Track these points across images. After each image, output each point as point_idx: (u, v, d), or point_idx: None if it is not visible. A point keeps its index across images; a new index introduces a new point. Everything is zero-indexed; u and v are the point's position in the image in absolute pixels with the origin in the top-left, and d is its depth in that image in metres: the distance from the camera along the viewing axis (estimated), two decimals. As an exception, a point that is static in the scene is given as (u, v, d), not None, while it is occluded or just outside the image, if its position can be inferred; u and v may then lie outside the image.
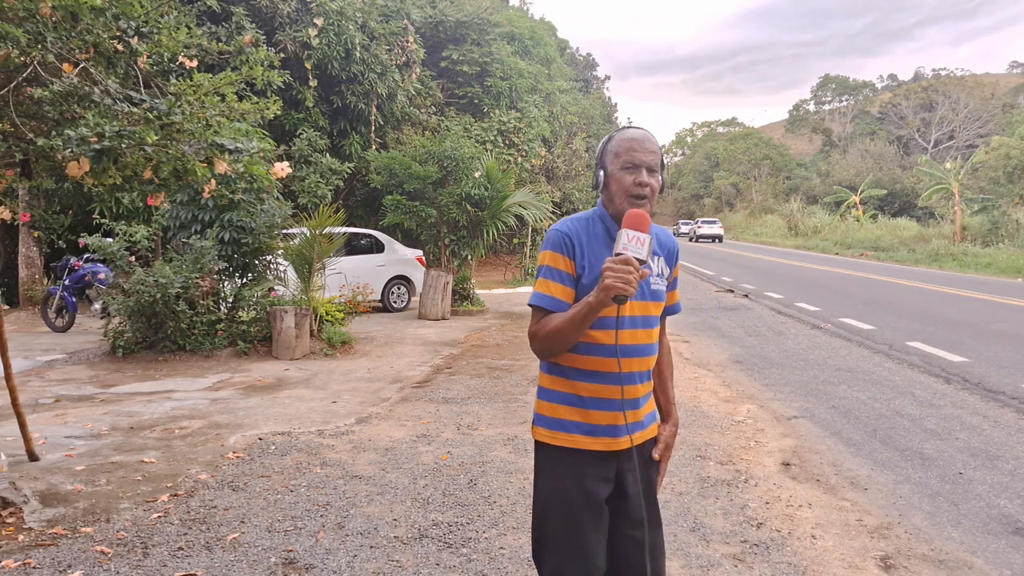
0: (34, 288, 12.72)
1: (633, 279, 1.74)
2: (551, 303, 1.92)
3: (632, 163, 1.94)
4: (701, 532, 3.63)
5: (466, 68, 20.59)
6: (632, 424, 1.97)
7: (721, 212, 67.53)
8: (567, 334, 1.86)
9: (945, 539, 3.61)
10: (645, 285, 1.97)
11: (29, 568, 3.19)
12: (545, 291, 1.93)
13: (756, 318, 12.09)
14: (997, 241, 26.58)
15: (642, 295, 1.96)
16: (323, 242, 9.34)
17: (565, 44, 40.68)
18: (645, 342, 1.98)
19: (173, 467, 4.59)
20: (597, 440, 1.94)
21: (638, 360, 1.97)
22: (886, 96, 72.79)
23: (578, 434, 1.95)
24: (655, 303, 2.01)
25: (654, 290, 2.00)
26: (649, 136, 1.99)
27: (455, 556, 3.34)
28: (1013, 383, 6.96)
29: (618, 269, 1.74)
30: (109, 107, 3.86)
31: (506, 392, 6.80)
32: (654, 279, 2.00)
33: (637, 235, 1.78)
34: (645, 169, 1.93)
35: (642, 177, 1.92)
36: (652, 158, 1.95)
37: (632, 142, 1.96)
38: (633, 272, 1.74)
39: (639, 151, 1.94)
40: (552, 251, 1.95)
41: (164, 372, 7.74)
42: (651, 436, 2.07)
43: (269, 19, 15.42)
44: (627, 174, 1.94)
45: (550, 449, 2.00)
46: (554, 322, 1.88)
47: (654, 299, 2.00)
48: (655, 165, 1.96)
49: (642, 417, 2.02)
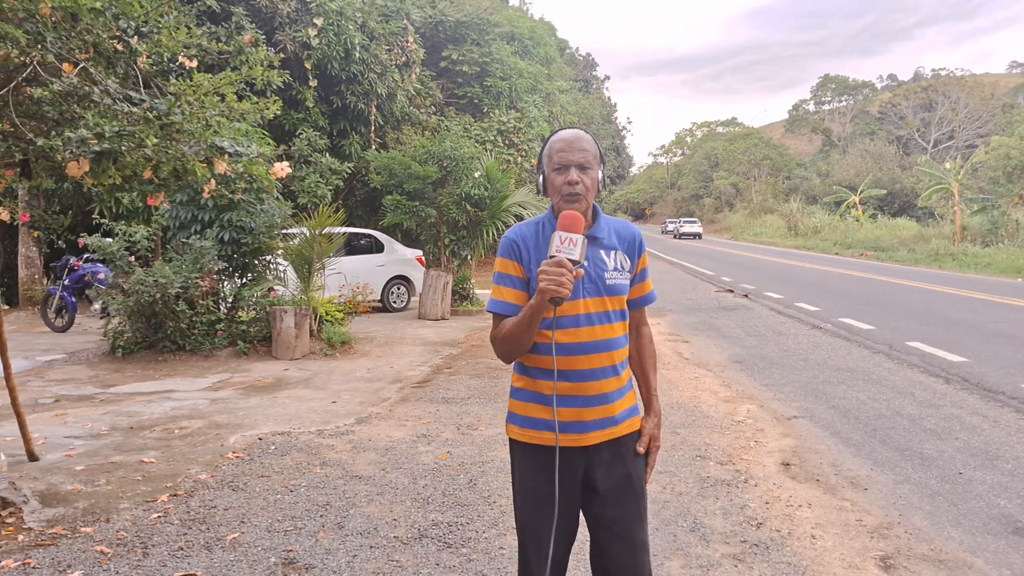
0: (34, 288, 12.72)
1: (566, 280, 1.77)
2: (503, 307, 1.99)
3: (562, 163, 1.98)
4: (701, 532, 3.63)
5: (466, 68, 20.59)
6: (599, 420, 1.99)
7: (721, 212, 67.57)
8: (519, 336, 1.92)
9: (945, 539, 3.61)
10: (599, 281, 2.00)
11: (29, 568, 3.19)
12: (498, 297, 2.02)
13: (756, 318, 12.10)
14: (997, 241, 26.58)
15: (596, 291, 2.00)
16: (323, 242, 9.34)
17: (565, 44, 40.71)
18: (605, 337, 2.00)
19: (173, 467, 4.59)
20: (564, 436, 1.98)
21: (598, 356, 1.98)
22: (886, 96, 72.81)
23: (545, 431, 1.99)
24: (612, 297, 2.02)
25: (609, 285, 2.02)
26: (580, 135, 2.03)
27: (455, 556, 3.35)
28: (1013, 383, 6.96)
29: (551, 272, 1.78)
30: (109, 107, 3.86)
31: (506, 392, 6.78)
32: (610, 273, 2.02)
33: (569, 236, 1.82)
34: (575, 168, 1.97)
35: (571, 176, 1.96)
36: (582, 156, 1.98)
37: (562, 143, 2.01)
38: (566, 273, 1.78)
39: (568, 151, 1.98)
40: (502, 258, 2.04)
41: (164, 372, 7.74)
42: (628, 431, 2.07)
43: (269, 19, 15.42)
44: (558, 175, 1.99)
45: (520, 446, 2.08)
46: (507, 326, 1.95)
47: (610, 293, 2.02)
48: (587, 162, 1.98)
49: (616, 412, 2.03)
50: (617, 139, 48.45)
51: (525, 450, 2.06)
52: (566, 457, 1.98)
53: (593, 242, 2.03)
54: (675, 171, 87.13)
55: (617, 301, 2.03)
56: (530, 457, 2.05)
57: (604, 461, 2.02)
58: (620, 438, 2.05)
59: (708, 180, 72.61)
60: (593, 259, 2.01)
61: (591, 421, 1.99)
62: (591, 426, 1.99)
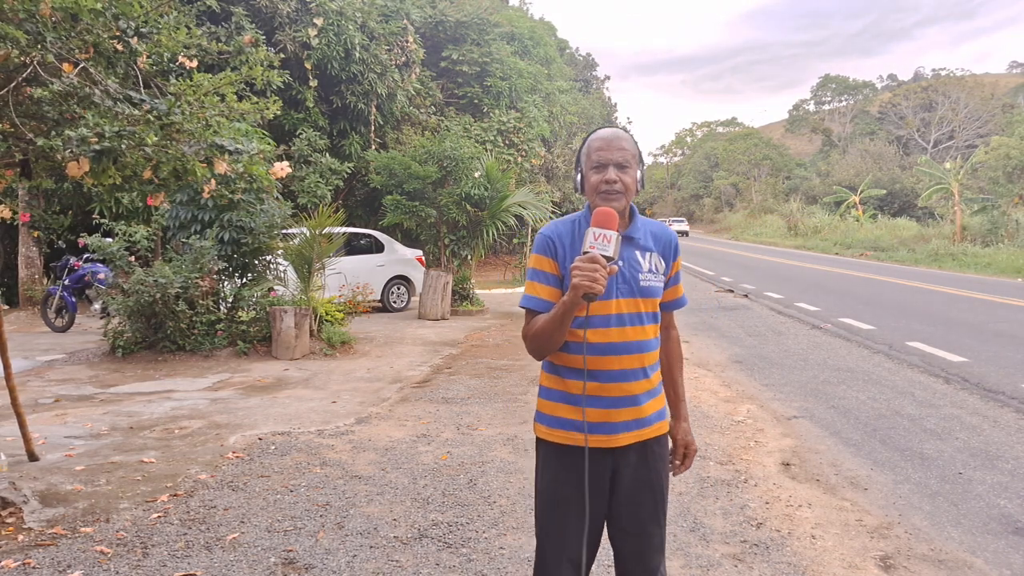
0: (34, 288, 12.72)
1: (600, 276, 1.76)
2: (537, 304, 1.99)
3: (600, 162, 1.98)
4: (701, 532, 3.63)
5: (466, 68, 20.59)
6: (628, 422, 1.98)
7: (721, 212, 67.57)
8: (551, 333, 1.92)
9: (945, 539, 3.61)
10: (633, 281, 1.99)
11: (29, 568, 3.19)
12: (532, 293, 2.01)
13: (756, 318, 12.10)
14: (997, 241, 26.56)
15: (630, 291, 1.99)
16: (323, 242, 9.34)
17: (565, 44, 40.67)
18: (636, 339, 1.99)
19: (173, 467, 4.59)
20: (592, 437, 1.96)
21: (629, 357, 1.97)
22: (886, 96, 72.76)
23: (572, 431, 1.98)
24: (645, 299, 2.01)
25: (643, 286, 2.00)
26: (619, 134, 2.02)
27: (455, 556, 3.35)
28: (1013, 383, 6.96)
29: (584, 268, 1.77)
30: (109, 107, 3.86)
31: (506, 392, 6.80)
32: (644, 275, 2.01)
33: (604, 232, 1.81)
34: (613, 167, 1.96)
35: (609, 175, 1.96)
36: (621, 155, 1.97)
37: (600, 141, 2.00)
38: (600, 270, 1.77)
39: (606, 149, 1.98)
40: (537, 254, 2.03)
41: (164, 372, 7.74)
42: (656, 434, 2.06)
43: (269, 19, 15.42)
44: (595, 173, 1.99)
45: (546, 445, 2.07)
46: (539, 322, 1.95)
47: (644, 295, 2.01)
48: (625, 161, 1.97)
49: (646, 415, 2.01)
50: (617, 139, 48.61)
51: (551, 449, 2.04)
52: (594, 458, 1.96)
53: (629, 242, 2.02)
54: (675, 171, 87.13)
55: (650, 303, 2.02)
56: (556, 457, 2.03)
57: (631, 463, 2.01)
58: (648, 440, 2.03)
59: (708, 180, 72.61)
60: (628, 259, 2.00)
61: (620, 423, 1.98)
62: (620, 427, 1.98)
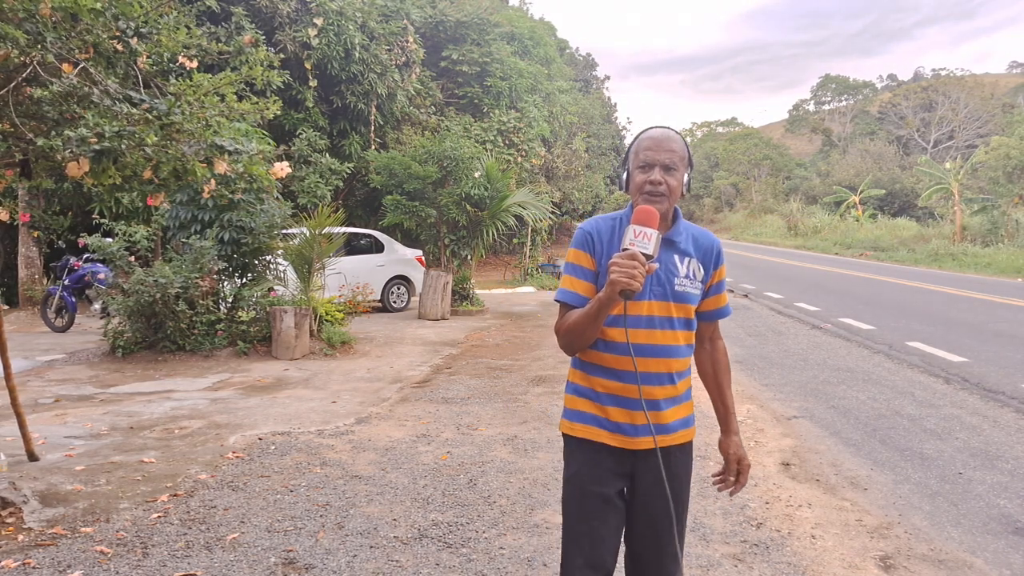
0: (34, 288, 12.71)
1: (638, 274, 1.74)
2: (572, 298, 1.97)
3: (646, 162, 1.95)
4: (701, 532, 3.63)
5: (466, 68, 20.58)
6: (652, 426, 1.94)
7: (721, 212, 67.49)
8: (584, 329, 1.90)
9: (945, 539, 3.61)
10: (668, 285, 1.96)
11: (29, 568, 3.19)
12: (568, 287, 1.99)
13: (756, 318, 12.09)
14: (997, 241, 26.57)
15: (663, 295, 1.96)
16: (323, 242, 9.34)
17: (565, 44, 40.65)
18: (664, 343, 1.95)
19: (173, 467, 4.59)
20: (613, 436, 1.96)
21: (655, 360, 1.94)
22: (886, 96, 72.72)
23: (594, 426, 1.98)
24: (678, 304, 1.97)
25: (678, 291, 1.97)
26: (670, 135, 1.98)
27: (455, 556, 3.35)
28: (1013, 383, 6.96)
29: (623, 264, 1.74)
30: (109, 107, 3.86)
31: (506, 392, 6.79)
32: (680, 280, 1.97)
33: (644, 230, 1.78)
34: (660, 168, 1.93)
35: (654, 176, 1.92)
36: (668, 156, 1.93)
37: (650, 140, 1.97)
38: (638, 267, 1.74)
39: (654, 150, 1.94)
40: (575, 248, 2.01)
41: (164, 372, 7.74)
42: (679, 441, 2.02)
43: (269, 19, 15.42)
44: (640, 172, 1.96)
45: (570, 440, 2.06)
46: (573, 317, 1.93)
47: (677, 300, 1.97)
48: (673, 163, 1.94)
49: (667, 421, 1.98)
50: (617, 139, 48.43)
51: (574, 443, 2.04)
52: (614, 456, 1.97)
53: (669, 246, 1.98)
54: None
55: (683, 309, 1.98)
56: (579, 451, 2.02)
57: (651, 467, 1.96)
58: (670, 447, 2.00)
59: (708, 180, 72.56)
60: (666, 263, 1.96)
61: (641, 425, 1.95)
62: (641, 430, 1.95)
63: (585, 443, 2.00)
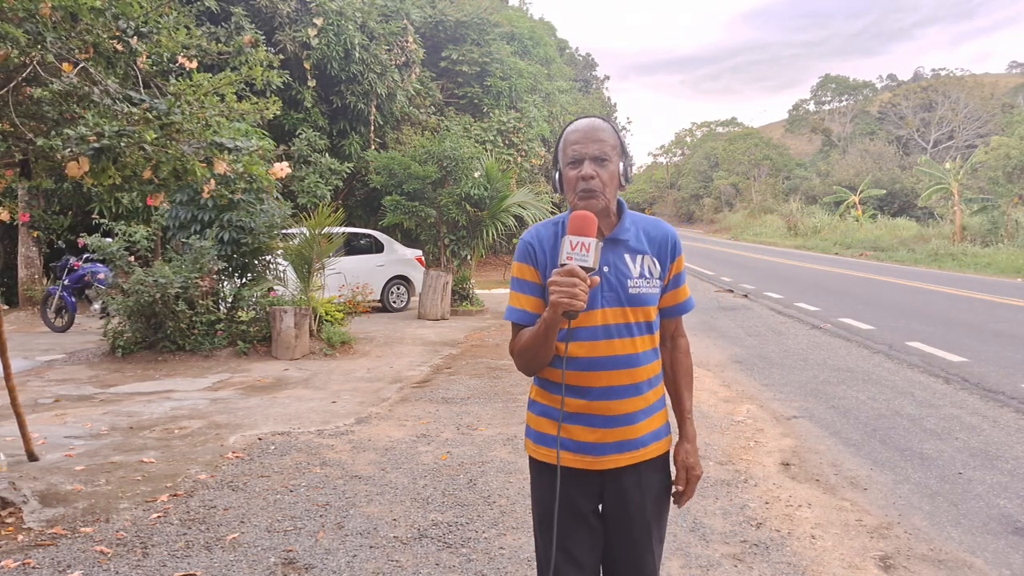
0: (34, 288, 12.71)
1: (579, 291, 1.60)
2: (520, 316, 1.84)
3: (575, 157, 1.80)
4: (701, 532, 3.63)
5: (466, 68, 20.59)
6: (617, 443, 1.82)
7: (721, 212, 67.50)
8: (536, 350, 1.76)
9: (945, 539, 3.61)
10: (620, 289, 1.81)
11: (29, 568, 3.19)
12: (515, 304, 1.86)
13: (756, 318, 12.10)
14: (997, 241, 26.56)
15: (617, 300, 1.81)
16: (322, 242, 9.34)
17: (564, 44, 40.68)
18: (625, 352, 1.81)
19: (173, 467, 4.59)
20: (576, 457, 1.82)
21: (617, 373, 1.80)
22: (886, 96, 72.71)
23: (559, 449, 1.82)
24: (636, 308, 1.82)
25: (632, 294, 1.81)
26: (596, 124, 1.83)
27: (455, 556, 3.34)
28: (1013, 383, 6.96)
29: (562, 283, 1.61)
30: (109, 107, 3.86)
31: (506, 392, 6.80)
32: (633, 281, 1.82)
33: (581, 241, 1.62)
34: (589, 160, 1.78)
35: (584, 170, 1.77)
36: (598, 147, 1.78)
37: (576, 134, 1.82)
38: (579, 283, 1.60)
39: (581, 143, 1.80)
40: (518, 262, 1.87)
41: (164, 372, 7.74)
42: (653, 455, 1.89)
43: (268, 19, 15.42)
44: (571, 168, 1.81)
45: (532, 461, 1.93)
46: (524, 338, 1.80)
47: (633, 304, 1.82)
48: (604, 154, 1.79)
49: (639, 435, 1.84)
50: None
51: (535, 467, 1.92)
52: (579, 480, 1.83)
53: (616, 245, 1.84)
54: (675, 171, 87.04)
55: (641, 312, 1.83)
56: (540, 474, 1.90)
57: (624, 487, 1.84)
58: (644, 462, 1.86)
59: (708, 180, 72.57)
60: (615, 264, 1.82)
61: (608, 443, 1.81)
62: (608, 448, 1.81)
63: (545, 467, 1.86)
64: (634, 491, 1.86)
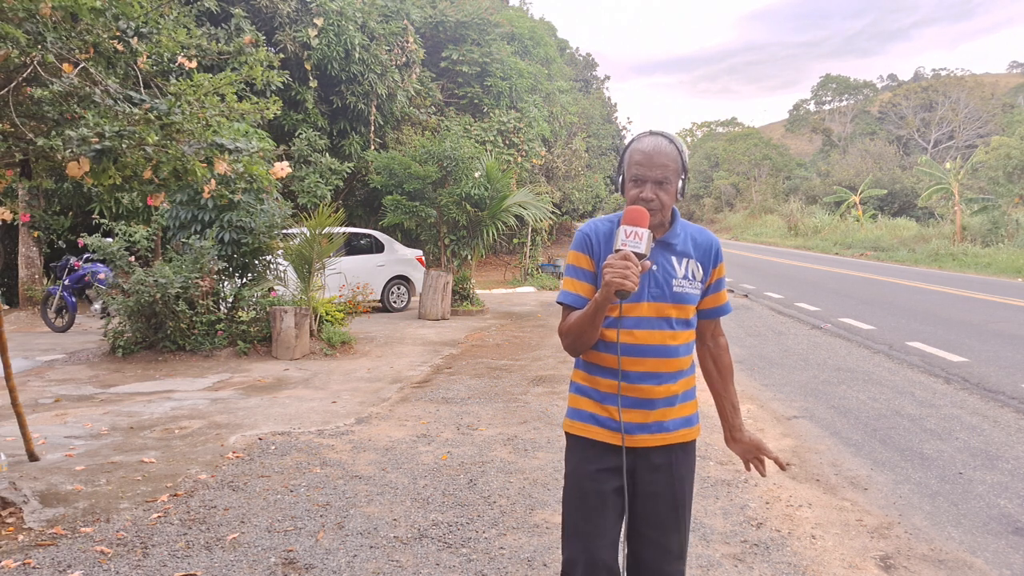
0: (34, 288, 12.72)
1: (631, 274, 1.78)
2: (573, 299, 2.02)
3: (638, 177, 1.98)
4: (701, 532, 3.63)
5: (466, 68, 20.58)
6: (647, 424, 1.99)
7: (721, 212, 67.52)
8: (584, 330, 1.94)
9: (945, 539, 3.61)
10: (666, 286, 1.99)
11: (29, 568, 3.19)
12: (568, 288, 2.04)
13: (756, 318, 12.09)
14: (997, 241, 26.55)
15: (661, 296, 1.99)
16: (323, 242, 9.34)
17: (565, 44, 40.65)
18: (663, 343, 1.99)
19: (173, 467, 4.59)
20: (611, 434, 2.00)
21: (653, 360, 1.98)
22: (886, 96, 72.68)
23: (593, 424, 2.02)
24: (675, 305, 2.00)
25: (676, 292, 2.00)
26: (660, 148, 1.98)
27: (455, 556, 3.35)
28: (1013, 383, 6.96)
29: (616, 265, 1.79)
30: (109, 107, 3.86)
31: (506, 392, 6.80)
32: (678, 281, 2.00)
33: (635, 230, 1.82)
34: (651, 183, 1.96)
35: (646, 192, 1.96)
36: (660, 172, 1.96)
37: (641, 155, 1.98)
38: (631, 267, 1.78)
39: (646, 166, 1.97)
40: (574, 251, 2.06)
41: (164, 372, 7.74)
42: (681, 440, 2.05)
43: (269, 19, 15.42)
44: (633, 186, 1.99)
45: (570, 437, 2.11)
46: (573, 319, 1.97)
47: (675, 301, 2.00)
48: (665, 179, 1.96)
49: (666, 419, 2.01)
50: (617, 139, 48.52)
51: (573, 441, 2.09)
52: (611, 453, 1.99)
53: (666, 248, 2.02)
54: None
55: (682, 310, 2.01)
56: (578, 448, 2.07)
57: (651, 466, 2.01)
58: (671, 445, 2.03)
59: (708, 180, 72.55)
60: (663, 265, 2.00)
61: (639, 423, 1.99)
62: (638, 428, 1.99)
63: (583, 440, 2.04)
64: (663, 471, 2.02)
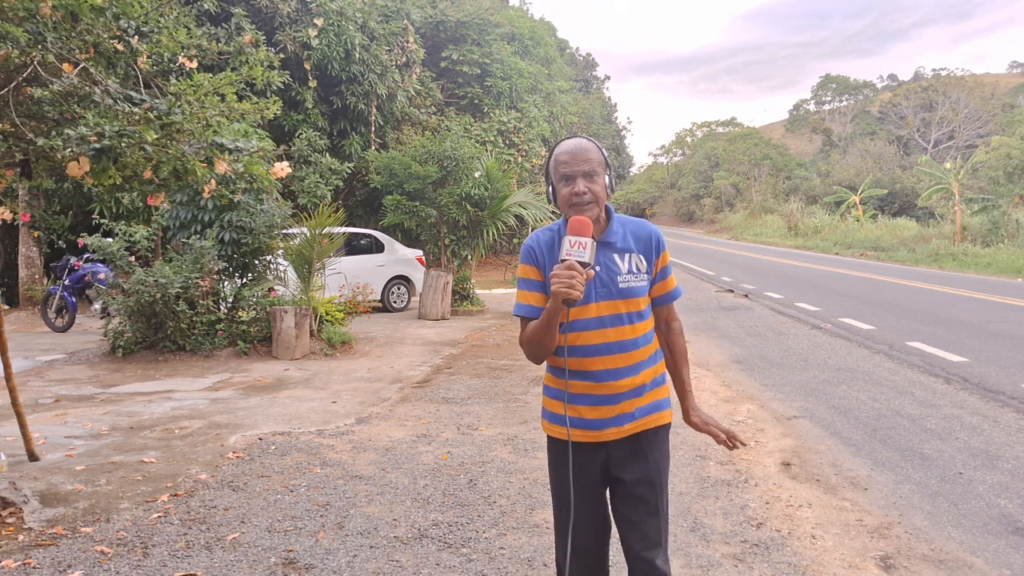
0: (34, 288, 12.72)
1: (576, 283, 1.85)
2: (527, 311, 2.10)
3: (567, 174, 2.05)
4: (701, 532, 3.63)
5: (466, 68, 20.59)
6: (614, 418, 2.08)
7: (721, 212, 67.50)
8: (541, 339, 2.01)
9: (945, 539, 3.61)
10: (612, 284, 2.06)
11: (29, 568, 3.19)
12: (522, 300, 2.12)
13: (756, 318, 12.09)
14: (997, 241, 26.53)
15: (609, 294, 2.06)
16: (323, 242, 9.34)
17: (565, 44, 40.69)
18: (619, 339, 2.07)
19: (173, 467, 4.59)
20: (581, 432, 2.09)
21: (612, 357, 2.06)
22: (886, 96, 72.67)
23: (563, 426, 2.09)
24: (625, 300, 2.08)
25: (622, 288, 2.07)
26: (583, 144, 2.08)
27: (455, 556, 3.35)
28: (1013, 383, 6.96)
29: (562, 275, 1.86)
30: (109, 107, 3.86)
31: (506, 392, 6.79)
32: (622, 277, 2.08)
33: (579, 240, 1.89)
34: (581, 178, 2.04)
35: (577, 187, 2.03)
36: (587, 166, 2.04)
37: (566, 155, 2.07)
38: (577, 276, 1.85)
39: (571, 162, 2.05)
40: (523, 264, 2.15)
41: (164, 372, 7.74)
42: (651, 425, 2.13)
43: (269, 19, 15.42)
44: (564, 185, 2.07)
45: (549, 440, 2.20)
46: (530, 329, 2.05)
47: (624, 296, 2.07)
48: (592, 171, 2.05)
49: (632, 409, 2.09)
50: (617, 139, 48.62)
51: (551, 443, 2.19)
52: (585, 451, 2.09)
53: (606, 247, 2.09)
54: (675, 171, 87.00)
55: (632, 304, 2.09)
56: (554, 450, 2.17)
57: (625, 455, 2.10)
58: (640, 433, 2.12)
59: (708, 180, 72.53)
60: (606, 264, 2.07)
61: (607, 419, 2.07)
62: (607, 423, 2.08)
63: (558, 443, 2.14)
64: (637, 457, 2.11)
